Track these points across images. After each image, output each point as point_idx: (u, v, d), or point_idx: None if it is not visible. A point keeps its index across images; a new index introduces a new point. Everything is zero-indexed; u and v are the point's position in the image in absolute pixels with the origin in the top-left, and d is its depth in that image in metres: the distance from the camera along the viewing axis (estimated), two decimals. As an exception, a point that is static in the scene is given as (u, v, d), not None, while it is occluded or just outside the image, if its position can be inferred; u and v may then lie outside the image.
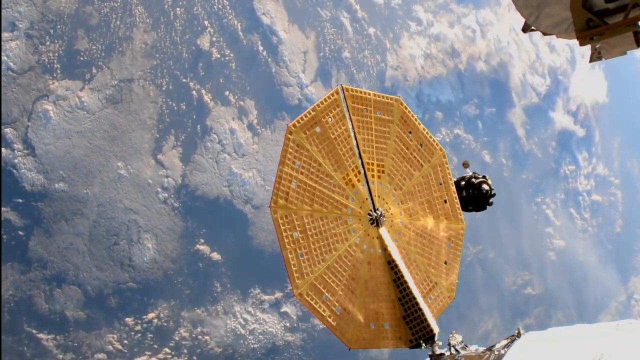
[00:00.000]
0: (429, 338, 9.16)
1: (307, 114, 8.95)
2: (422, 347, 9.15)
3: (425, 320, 9.26)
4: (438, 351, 9.01)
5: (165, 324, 47.54)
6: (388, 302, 9.38)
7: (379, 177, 9.53)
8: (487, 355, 7.73)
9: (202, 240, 49.96)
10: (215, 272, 50.23)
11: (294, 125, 8.84)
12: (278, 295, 52.87)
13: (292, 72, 56.84)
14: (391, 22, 64.42)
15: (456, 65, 68.37)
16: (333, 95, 9.16)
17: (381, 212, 9.39)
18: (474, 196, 10.44)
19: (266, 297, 52.27)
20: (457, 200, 10.35)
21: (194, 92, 51.45)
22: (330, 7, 60.23)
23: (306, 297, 8.71)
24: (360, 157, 9.35)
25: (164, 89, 50.09)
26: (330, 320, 8.79)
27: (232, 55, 53.87)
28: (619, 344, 6.04)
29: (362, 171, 9.35)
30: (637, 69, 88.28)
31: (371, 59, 62.19)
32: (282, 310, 52.74)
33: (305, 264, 8.72)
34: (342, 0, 61.21)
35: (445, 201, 10.22)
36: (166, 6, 51.50)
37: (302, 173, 8.85)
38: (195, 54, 52.27)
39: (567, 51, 79.31)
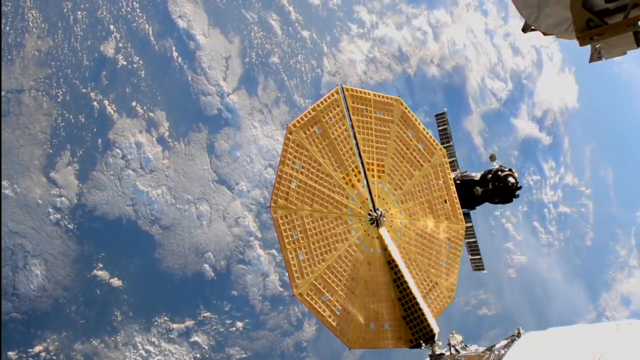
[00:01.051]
0: (429, 338, 9.34)
1: (307, 114, 9.18)
2: (422, 347, 9.30)
3: (425, 320, 9.45)
4: (438, 351, 9.14)
5: (54, 357, 43.56)
6: (388, 302, 9.59)
7: (379, 177, 9.70)
8: (487, 356, 7.80)
9: (101, 265, 45.85)
10: (115, 300, 46.14)
11: (294, 125, 9.04)
12: (189, 323, 48.73)
13: (211, 80, 52.47)
14: (329, 24, 59.79)
15: (404, 70, 63.63)
16: (333, 95, 9.39)
17: (381, 212, 9.57)
18: (500, 189, 10.23)
19: (174, 326, 48.11)
20: (457, 200, 10.43)
21: (95, 103, 47.29)
22: (258, 9, 55.70)
23: (306, 297, 8.80)
24: (360, 157, 9.50)
25: (59, 100, 45.98)
26: (330, 320, 8.92)
27: (141, 62, 49.61)
28: (619, 344, 6.11)
29: (362, 171, 9.54)
30: (611, 71, 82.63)
31: (305, 65, 57.64)
32: (192, 339, 48.56)
33: (305, 264, 8.85)
34: (273, 2, 56.65)
35: (446, 201, 10.34)
36: (65, 10, 47.33)
37: (302, 173, 8.98)
38: (98, 61, 48.08)
39: (533, 53, 74.07)
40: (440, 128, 11.18)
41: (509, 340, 7.79)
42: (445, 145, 11.09)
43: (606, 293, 78.40)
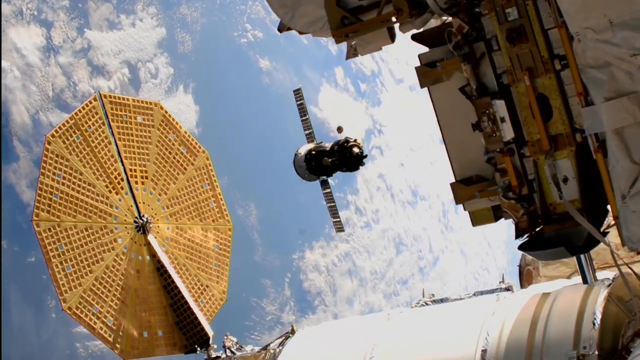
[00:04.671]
0: (204, 342, 9.38)
1: (66, 123, 9.03)
2: (198, 352, 9.30)
3: (199, 324, 9.46)
4: (214, 354, 9.15)
5: None
6: (160, 309, 9.54)
7: (142, 183, 9.68)
8: (263, 355, 7.94)
9: None
10: None
11: (52, 135, 8.90)
12: None
13: None
14: None
15: None
16: (91, 102, 9.30)
17: (147, 219, 9.54)
18: (346, 158, 10.26)
19: None
20: (224, 202, 10.93)
21: None
22: None
23: (75, 311, 8.60)
24: (123, 164, 9.45)
25: None
26: (102, 332, 8.81)
27: None
28: (390, 333, 6.57)
29: (125, 178, 9.51)
30: (259, 83, 69.02)
31: None
32: None
33: (72, 277, 8.67)
34: None
35: (212, 203, 10.55)
36: None
37: (63, 184, 8.84)
38: None
39: (125, 71, 58.02)
40: (298, 103, 10.71)
41: (283, 337, 7.89)
42: (303, 118, 10.74)
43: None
